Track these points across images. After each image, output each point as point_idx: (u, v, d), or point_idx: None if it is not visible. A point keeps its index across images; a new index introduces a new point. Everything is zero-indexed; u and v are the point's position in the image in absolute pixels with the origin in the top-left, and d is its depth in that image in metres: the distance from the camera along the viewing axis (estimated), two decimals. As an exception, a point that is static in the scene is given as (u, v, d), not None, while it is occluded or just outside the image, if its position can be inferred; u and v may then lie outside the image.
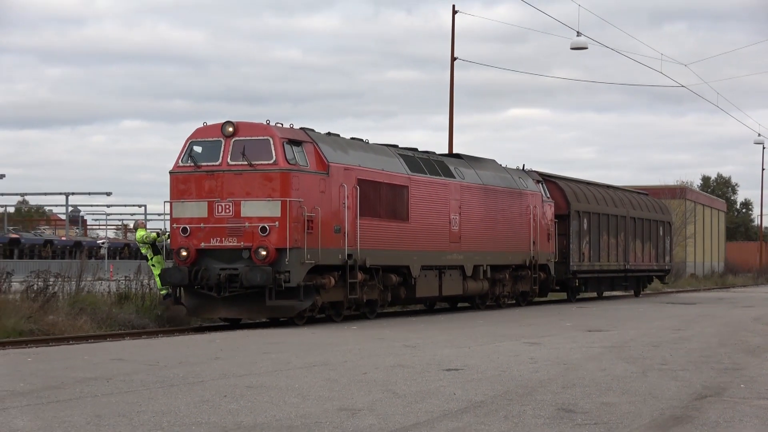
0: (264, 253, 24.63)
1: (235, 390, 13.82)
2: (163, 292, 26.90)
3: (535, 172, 40.58)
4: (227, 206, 25.22)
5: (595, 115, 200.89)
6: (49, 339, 23.17)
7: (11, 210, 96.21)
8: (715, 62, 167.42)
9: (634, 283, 51.18)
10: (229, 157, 25.43)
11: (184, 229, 25.53)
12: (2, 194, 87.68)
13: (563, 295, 44.53)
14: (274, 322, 26.82)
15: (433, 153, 33.89)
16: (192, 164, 25.84)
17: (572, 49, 46.88)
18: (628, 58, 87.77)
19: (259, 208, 25.12)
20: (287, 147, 25.42)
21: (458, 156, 35.98)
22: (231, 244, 25.23)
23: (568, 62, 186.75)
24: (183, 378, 15.26)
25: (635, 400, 13.12)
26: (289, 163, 25.28)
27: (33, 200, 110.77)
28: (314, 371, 16.20)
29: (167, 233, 27.17)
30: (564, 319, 30.58)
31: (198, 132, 26.26)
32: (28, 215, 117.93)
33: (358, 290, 27.62)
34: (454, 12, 46.04)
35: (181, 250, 25.41)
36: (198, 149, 26.04)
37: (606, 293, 49.39)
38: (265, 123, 25.78)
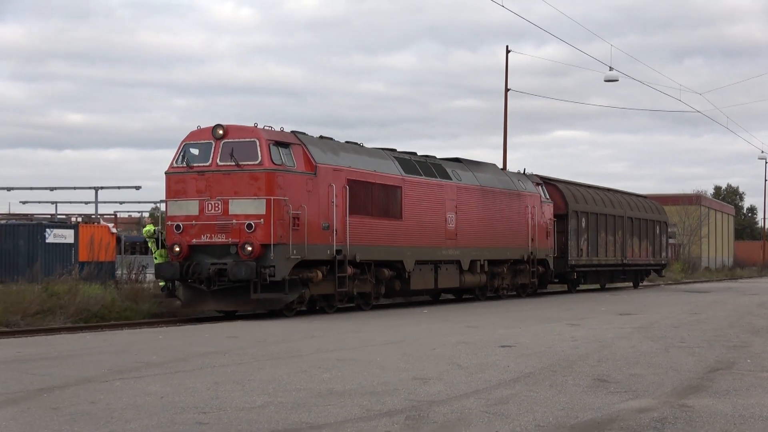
0: (249, 248, 22.28)
1: (328, 362, 13.85)
2: (162, 284, 24.57)
3: (536, 175, 38.07)
4: (216, 204, 22.88)
5: (626, 135, 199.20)
6: (176, 320, 23.40)
7: (146, 215, 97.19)
8: (727, 91, 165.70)
9: (633, 275, 48.51)
10: (219, 158, 23.11)
11: (178, 227, 23.21)
12: (139, 202, 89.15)
13: (564, 287, 42.01)
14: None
15: (433, 157, 31.31)
16: (185, 165, 23.48)
17: (606, 81, 46.95)
18: (653, 88, 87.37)
19: (245, 206, 22.71)
20: (273, 148, 23.03)
21: (458, 160, 33.03)
22: (220, 240, 22.84)
23: (603, 92, 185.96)
24: (285, 352, 15.32)
25: (659, 372, 13.00)
26: (274, 164, 22.84)
27: (164, 207, 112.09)
28: (392, 347, 16.21)
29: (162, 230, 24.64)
30: (599, 305, 30.39)
31: (192, 135, 23.86)
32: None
33: (347, 284, 25.05)
34: (508, 51, 46.87)
35: (174, 246, 23.10)
36: (191, 151, 23.73)
37: (608, 285, 46.90)
38: (253, 126, 23.40)
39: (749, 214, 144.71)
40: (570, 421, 9.33)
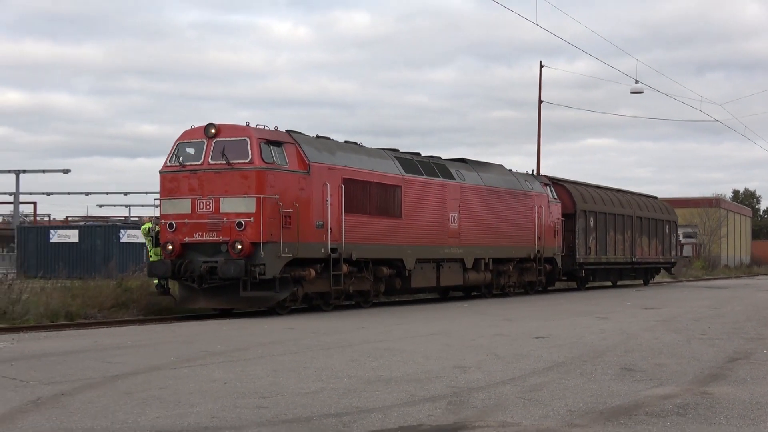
0: (239, 246, 20.46)
1: (376, 352, 13.86)
2: (156, 282, 22.30)
3: (544, 176, 36.04)
4: (208, 203, 21.08)
5: (651, 143, 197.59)
6: (238, 313, 23.45)
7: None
8: (745, 102, 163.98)
9: (643, 273, 46.02)
10: (210, 156, 21.25)
11: (171, 225, 21.45)
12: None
13: (573, 285, 39.27)
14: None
15: (438, 157, 29.18)
16: (178, 164, 21.65)
17: (632, 93, 47.04)
18: (676, 99, 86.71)
19: (236, 205, 20.86)
20: (264, 147, 21.14)
21: (463, 161, 30.82)
22: (211, 238, 21.02)
23: (630, 103, 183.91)
24: (336, 342, 15.35)
25: (681, 361, 12.89)
26: (265, 162, 20.99)
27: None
28: (435, 338, 16.19)
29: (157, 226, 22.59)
30: (625, 299, 30.18)
31: (185, 134, 21.97)
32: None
33: (342, 282, 23.02)
34: (541, 66, 47.31)
35: (167, 245, 21.34)
36: (184, 150, 21.80)
37: (619, 282, 44.63)
38: (245, 125, 21.50)
39: (765, 216, 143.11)
40: (599, 407, 9.27)
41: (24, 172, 62.89)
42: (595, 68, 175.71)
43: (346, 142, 25.31)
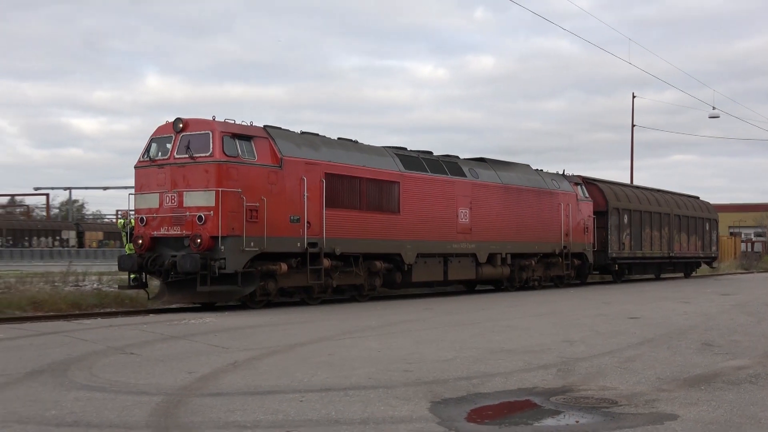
0: (199, 240, 16.86)
1: (497, 328, 13.90)
2: (132, 276, 18.52)
3: (577, 176, 31.02)
4: (173, 197, 17.56)
5: (726, 158, 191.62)
6: (386, 296, 23.72)
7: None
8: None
9: (683, 267, 40.10)
10: (177, 151, 17.66)
11: (142, 219, 18.02)
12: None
13: (608, 278, 34.06)
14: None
15: (455, 156, 24.80)
16: (149, 159, 18.14)
17: (710, 117, 46.40)
18: (748, 122, 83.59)
19: (197, 198, 17.25)
20: (228, 140, 17.40)
21: (482, 160, 26.20)
22: (176, 232, 17.46)
23: (709, 126, 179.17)
24: (465, 321, 15.42)
25: (753, 339, 12.56)
26: (226, 155, 17.23)
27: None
28: (545, 318, 16.12)
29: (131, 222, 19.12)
30: (705, 287, 29.31)
31: (158, 130, 18.36)
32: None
33: (323, 276, 19.05)
34: (634, 97, 47.44)
35: (138, 239, 17.89)
36: (155, 145, 18.19)
37: (662, 276, 38.86)
38: (210, 119, 17.76)
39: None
40: (683, 376, 9.16)
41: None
42: (680, 97, 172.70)
43: (339, 139, 21.00)
